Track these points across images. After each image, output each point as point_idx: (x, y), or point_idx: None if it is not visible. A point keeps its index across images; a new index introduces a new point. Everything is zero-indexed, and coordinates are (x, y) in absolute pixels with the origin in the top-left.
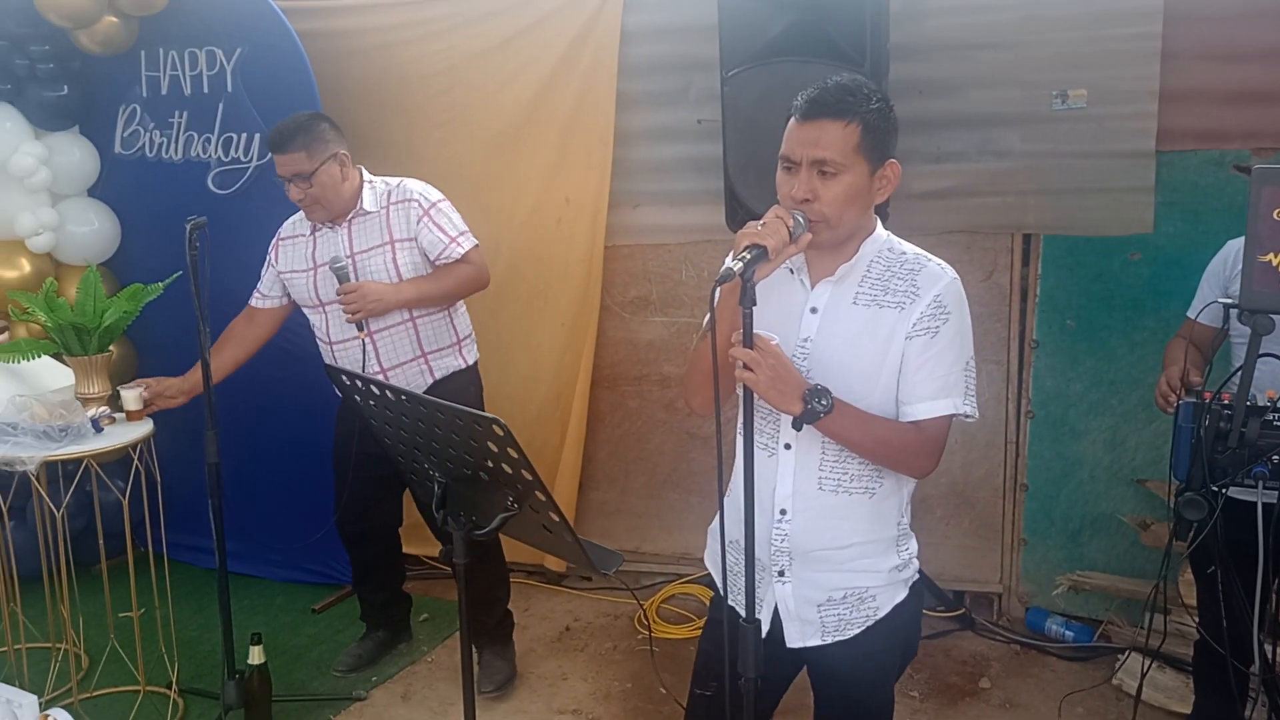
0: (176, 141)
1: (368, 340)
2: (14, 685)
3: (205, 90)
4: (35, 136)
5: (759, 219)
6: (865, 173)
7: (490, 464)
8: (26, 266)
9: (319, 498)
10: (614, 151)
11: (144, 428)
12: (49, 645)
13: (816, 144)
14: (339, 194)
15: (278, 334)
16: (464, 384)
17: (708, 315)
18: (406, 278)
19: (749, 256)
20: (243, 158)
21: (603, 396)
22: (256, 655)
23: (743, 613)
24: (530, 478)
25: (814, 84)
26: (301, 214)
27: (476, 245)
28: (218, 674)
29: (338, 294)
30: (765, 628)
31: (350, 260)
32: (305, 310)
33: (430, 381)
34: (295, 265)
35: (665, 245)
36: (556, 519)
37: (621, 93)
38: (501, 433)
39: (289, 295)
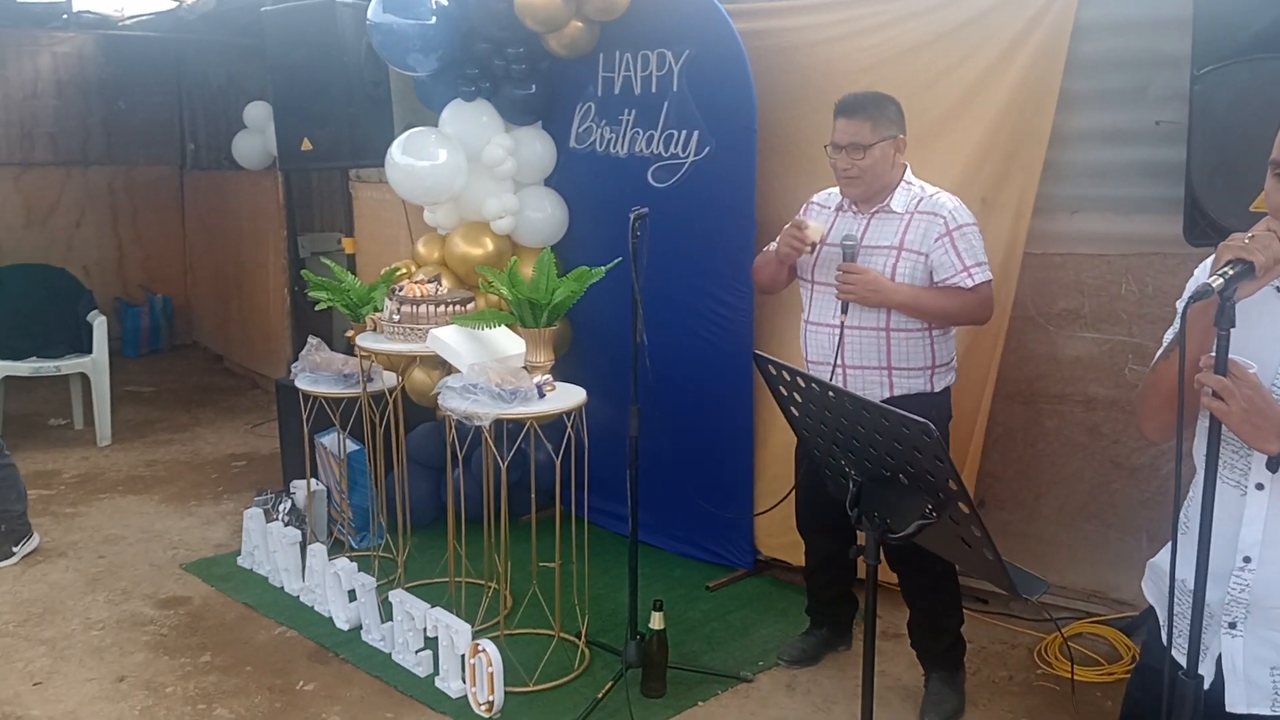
0: (623, 137)
1: (840, 331)
2: (452, 613)
3: (653, 90)
4: (505, 130)
5: (1223, 232)
6: None
7: (912, 468)
8: (489, 245)
9: (729, 480)
10: (1047, 153)
11: (578, 397)
12: (482, 583)
13: None
14: (883, 175)
15: (700, 325)
16: (923, 408)
17: (1168, 333)
18: None
19: (1231, 273)
20: (681, 153)
21: (1017, 412)
22: (658, 621)
23: (1183, 662)
24: (955, 488)
25: None
26: (834, 189)
27: (989, 280)
28: (619, 631)
29: (839, 270)
30: (1206, 682)
31: (858, 247)
32: (800, 281)
33: (887, 395)
34: None
35: (1104, 255)
36: (978, 534)
37: (1063, 90)
38: (930, 439)
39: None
